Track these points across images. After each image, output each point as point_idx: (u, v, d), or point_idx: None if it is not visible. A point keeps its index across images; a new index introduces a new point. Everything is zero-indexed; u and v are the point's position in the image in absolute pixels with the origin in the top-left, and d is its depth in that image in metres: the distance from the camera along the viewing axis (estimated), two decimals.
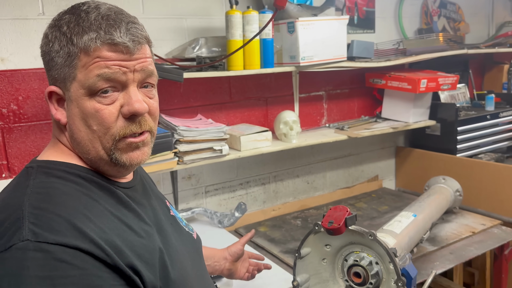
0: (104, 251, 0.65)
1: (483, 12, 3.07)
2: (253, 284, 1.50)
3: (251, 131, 1.90)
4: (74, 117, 0.73)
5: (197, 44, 1.77)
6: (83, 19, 0.71)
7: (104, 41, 0.70)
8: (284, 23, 1.91)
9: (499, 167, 2.22)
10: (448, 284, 2.01)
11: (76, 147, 0.76)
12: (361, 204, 2.36)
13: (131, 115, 0.74)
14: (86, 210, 0.69)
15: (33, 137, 1.63)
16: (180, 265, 0.81)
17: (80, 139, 0.74)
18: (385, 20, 2.55)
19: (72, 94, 0.72)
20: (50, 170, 0.74)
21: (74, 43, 0.70)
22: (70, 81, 0.72)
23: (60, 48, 0.72)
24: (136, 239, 0.73)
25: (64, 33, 0.71)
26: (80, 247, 0.63)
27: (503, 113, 2.62)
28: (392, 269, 1.08)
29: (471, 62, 2.88)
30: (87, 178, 0.75)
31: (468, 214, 2.12)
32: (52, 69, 0.74)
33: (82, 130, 0.73)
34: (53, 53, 0.72)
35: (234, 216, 1.95)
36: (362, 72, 2.45)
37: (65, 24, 0.72)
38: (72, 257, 0.63)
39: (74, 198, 0.70)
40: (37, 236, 0.63)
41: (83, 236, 0.65)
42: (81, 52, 0.70)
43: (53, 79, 0.75)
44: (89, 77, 0.70)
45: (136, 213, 0.78)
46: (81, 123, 0.73)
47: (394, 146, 2.73)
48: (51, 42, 0.73)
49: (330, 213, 1.08)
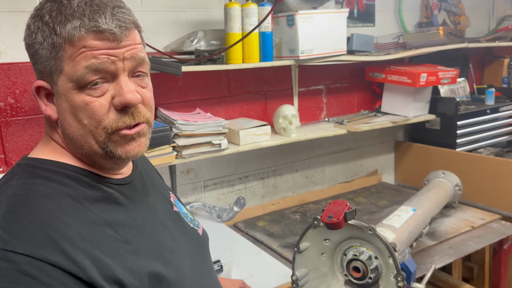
0: (76, 264, 0.61)
1: (483, 6, 3.05)
2: (252, 279, 1.50)
3: (250, 125, 1.89)
4: (64, 112, 0.69)
5: (195, 37, 1.75)
6: (65, 6, 0.66)
7: (88, 29, 0.65)
8: (284, 16, 1.89)
9: (499, 161, 2.21)
10: (447, 278, 2.01)
11: (69, 143, 0.73)
12: (360, 198, 2.36)
13: (124, 107, 0.69)
14: (65, 215, 0.65)
15: (31, 131, 1.62)
16: (176, 266, 0.76)
17: (72, 135, 0.71)
18: (385, 14, 2.53)
19: (60, 88, 0.68)
20: (36, 169, 0.70)
21: (57, 33, 0.65)
22: (57, 74, 0.68)
23: (43, 40, 0.67)
24: (121, 245, 0.69)
25: (46, 23, 0.66)
26: (48, 259, 0.59)
27: (503, 107, 2.61)
28: (392, 263, 1.07)
29: (471, 56, 2.87)
30: (74, 177, 0.71)
31: (467, 209, 2.11)
32: (38, 63, 0.69)
33: (73, 125, 0.70)
34: (37, 45, 0.68)
35: (233, 210, 1.95)
36: (362, 66, 2.43)
37: (47, 13, 0.66)
38: (38, 270, 0.58)
39: (54, 201, 0.66)
40: (5, 244, 0.59)
41: (55, 246, 0.61)
42: (65, 42, 0.65)
43: (40, 73, 0.70)
44: (77, 70, 0.66)
45: (126, 214, 0.74)
46: (72, 117, 0.69)
47: (393, 141, 2.72)
48: (34, 33, 0.68)
49: (329, 207, 1.07)
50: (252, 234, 1.94)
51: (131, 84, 0.70)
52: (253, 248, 1.74)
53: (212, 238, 1.80)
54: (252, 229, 1.99)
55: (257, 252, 1.71)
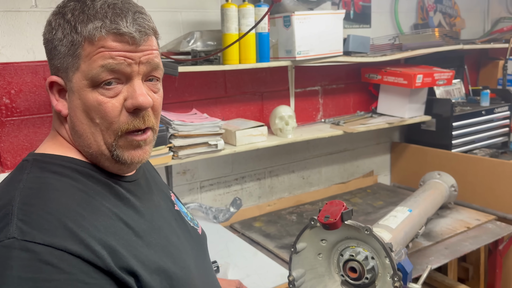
0: (95, 253, 0.62)
1: (478, 8, 3.07)
2: (249, 279, 1.50)
3: (247, 126, 1.89)
4: (76, 108, 0.70)
5: (192, 37, 1.75)
6: (89, 7, 0.68)
7: (109, 31, 0.67)
8: (280, 17, 1.89)
9: (494, 162, 2.23)
10: (442, 279, 2.02)
11: (77, 140, 0.73)
12: (356, 199, 2.36)
13: (135, 109, 0.71)
14: (80, 207, 0.66)
15: (26, 131, 1.61)
16: (183, 263, 0.77)
17: (82, 132, 0.71)
18: (381, 15, 2.54)
19: (74, 85, 0.69)
20: (46, 164, 0.71)
21: (78, 31, 0.67)
22: (73, 71, 0.69)
23: (63, 36, 0.68)
24: (133, 238, 0.70)
25: (68, 21, 0.68)
26: (68, 248, 0.60)
27: (498, 108, 2.62)
28: (388, 264, 1.08)
29: (467, 57, 2.89)
30: (84, 172, 0.71)
31: (463, 210, 2.12)
32: (55, 58, 0.71)
33: (84, 122, 0.71)
34: (56, 41, 0.69)
35: (229, 211, 1.95)
36: (358, 67, 2.44)
37: (69, 12, 0.69)
38: (59, 259, 0.59)
39: (67, 194, 0.67)
40: (24, 235, 0.60)
41: (74, 236, 0.61)
42: (85, 41, 0.67)
43: (55, 68, 0.72)
44: (93, 68, 0.67)
45: (135, 210, 0.75)
46: (83, 115, 0.70)
47: (389, 142, 2.73)
48: (54, 29, 0.69)
49: (326, 207, 1.07)
50: (248, 235, 1.94)
51: (144, 88, 0.72)
52: (250, 249, 1.74)
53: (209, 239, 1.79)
54: (249, 230, 1.99)
55: (254, 252, 1.71)
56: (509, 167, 2.14)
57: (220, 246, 1.74)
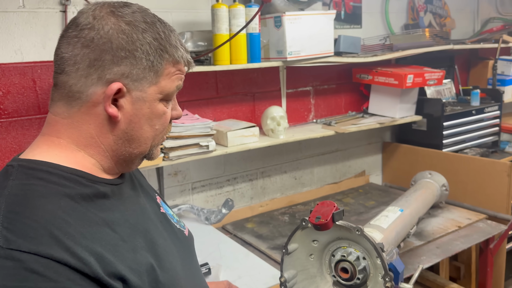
0: (82, 261, 0.62)
1: (468, 8, 3.10)
2: (240, 281, 1.49)
3: (238, 126, 1.88)
4: (142, 116, 0.76)
5: (182, 38, 1.74)
6: (170, 31, 0.78)
7: (185, 59, 0.80)
8: (271, 17, 1.89)
9: (485, 162, 2.24)
10: (434, 278, 2.03)
11: (123, 143, 0.77)
12: (348, 199, 2.37)
13: (175, 118, 0.84)
14: (66, 214, 0.65)
15: (14, 134, 1.59)
16: (170, 265, 0.78)
17: (138, 136, 0.78)
18: (372, 15, 2.55)
19: (147, 96, 0.76)
20: (32, 170, 0.70)
21: (168, 52, 0.76)
22: (149, 84, 0.75)
23: (150, 52, 0.74)
24: (120, 243, 0.70)
25: (156, 39, 0.75)
26: (54, 256, 0.60)
27: (488, 108, 2.64)
28: (380, 264, 1.08)
29: (457, 57, 2.91)
30: (70, 178, 0.71)
31: (454, 209, 2.14)
32: (124, 65, 0.72)
33: (145, 128, 0.77)
34: (139, 53, 0.73)
35: (221, 212, 1.94)
36: (349, 68, 2.44)
37: (154, 32, 0.75)
38: (45, 268, 0.59)
39: (53, 201, 0.66)
40: (9, 243, 0.59)
41: (60, 244, 0.61)
42: (170, 62, 0.77)
43: (119, 74, 0.72)
44: (171, 86, 0.78)
45: (122, 213, 0.75)
46: (147, 122, 0.77)
47: (380, 142, 2.74)
48: (138, 42, 0.73)
49: (317, 208, 1.07)
50: (240, 236, 1.93)
51: None
52: (242, 250, 1.73)
53: (200, 240, 1.79)
54: (241, 231, 1.98)
55: (246, 254, 1.70)
56: (500, 166, 2.16)
57: (212, 248, 1.73)
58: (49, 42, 1.62)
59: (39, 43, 1.60)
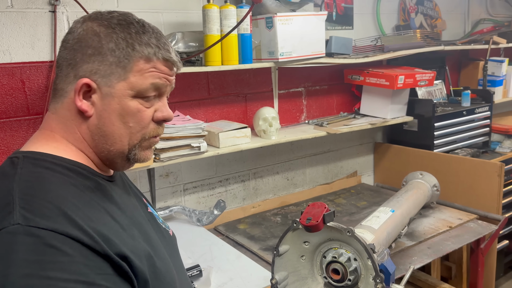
0: (93, 239, 0.67)
1: (459, 9, 3.12)
2: (232, 283, 1.49)
3: (230, 127, 1.88)
4: (111, 111, 0.78)
5: (173, 39, 1.73)
6: (145, 31, 0.79)
7: (163, 56, 0.80)
8: (263, 18, 1.88)
9: (475, 162, 2.26)
10: (426, 278, 2.03)
11: (98, 138, 0.80)
12: (340, 200, 2.37)
13: (161, 121, 0.83)
14: (75, 199, 0.71)
15: (3, 135, 1.57)
16: (163, 255, 0.84)
17: (110, 132, 0.79)
18: (363, 17, 2.55)
19: (116, 91, 0.77)
20: (37, 160, 0.75)
21: (136, 49, 0.77)
22: (118, 80, 0.77)
23: (116, 48, 0.77)
24: (121, 230, 0.75)
25: (124, 38, 0.77)
26: (69, 233, 0.65)
27: (479, 109, 2.66)
28: (371, 265, 1.08)
29: (448, 58, 2.92)
30: (73, 170, 0.76)
31: (445, 209, 2.15)
32: (92, 62, 0.77)
33: (116, 124, 0.79)
34: (105, 50, 0.77)
35: (213, 214, 1.93)
36: (340, 69, 2.45)
37: (125, 30, 0.78)
38: (62, 243, 0.64)
39: (62, 187, 0.72)
40: (28, 221, 0.63)
41: (73, 223, 0.66)
42: (140, 59, 0.78)
43: (89, 72, 0.77)
44: (144, 83, 0.78)
45: (118, 206, 0.80)
46: (118, 118, 0.78)
47: (372, 142, 2.75)
48: (104, 39, 0.77)
49: (308, 210, 1.07)
50: (232, 237, 1.92)
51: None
52: (233, 252, 1.73)
53: (192, 242, 1.78)
54: (233, 232, 1.98)
55: (237, 255, 1.69)
56: (490, 166, 2.17)
57: (204, 250, 1.72)
58: (38, 42, 1.60)
59: (28, 43, 1.59)
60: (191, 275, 1.45)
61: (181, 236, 1.81)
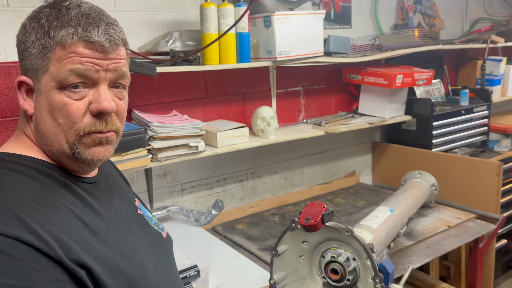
0: (46, 243, 0.64)
1: (457, 9, 3.11)
2: (230, 283, 1.48)
3: (228, 127, 1.87)
4: (42, 108, 0.74)
5: (171, 37, 1.72)
6: (63, 14, 0.73)
7: (81, 38, 0.72)
8: (260, 17, 1.88)
9: (474, 161, 2.25)
10: (424, 278, 2.03)
11: (40, 139, 0.77)
12: (338, 199, 2.36)
13: (99, 113, 0.75)
14: (33, 201, 0.68)
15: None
16: (140, 262, 0.80)
17: (45, 131, 0.75)
18: (362, 16, 2.55)
19: (42, 86, 0.73)
20: (3, 162, 0.73)
21: (51, 36, 0.72)
22: (42, 73, 0.73)
23: (36, 39, 0.73)
24: (88, 234, 0.72)
25: (42, 25, 0.73)
26: (20, 237, 0.62)
27: (477, 108, 2.66)
28: (370, 265, 1.07)
29: (446, 57, 2.92)
30: (41, 171, 0.74)
31: (443, 208, 2.14)
32: (25, 59, 0.75)
33: (48, 122, 0.74)
34: (29, 43, 0.74)
35: (211, 214, 1.92)
36: (339, 68, 2.44)
37: (44, 17, 0.73)
38: (10, 247, 0.61)
39: (22, 189, 0.69)
40: None
41: (25, 226, 0.64)
42: (56, 45, 0.72)
43: (25, 69, 0.75)
44: (62, 71, 0.71)
45: (92, 209, 0.77)
46: (48, 115, 0.74)
47: (370, 142, 2.74)
48: (28, 32, 0.74)
49: (306, 209, 1.06)
50: (230, 237, 1.91)
51: (109, 94, 0.76)
52: (232, 252, 1.72)
53: (190, 242, 1.77)
54: (231, 232, 1.97)
55: (236, 255, 1.68)
56: (489, 165, 2.17)
57: (202, 250, 1.71)
58: None
59: None
60: (188, 276, 1.44)
61: (179, 237, 1.81)
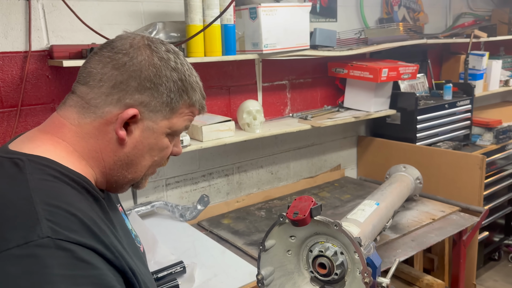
0: (113, 254, 0.68)
1: (441, 3, 3.14)
2: (216, 279, 1.46)
3: (213, 121, 1.84)
4: (147, 144, 0.80)
5: (154, 29, 1.68)
6: (195, 77, 0.83)
7: (200, 105, 0.85)
8: (246, 8, 1.85)
9: (457, 155, 2.28)
10: (409, 270, 2.04)
11: (122, 165, 0.81)
12: (324, 193, 2.36)
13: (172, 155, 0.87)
14: (90, 212, 0.70)
15: None
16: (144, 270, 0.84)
17: (137, 162, 0.81)
18: (347, 9, 2.54)
19: (158, 128, 0.80)
20: (44, 167, 0.71)
21: (189, 95, 0.81)
22: (162, 118, 0.80)
23: (175, 89, 0.79)
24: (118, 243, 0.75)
25: (181, 79, 0.80)
26: (95, 247, 0.65)
27: (460, 102, 2.69)
28: (357, 259, 1.06)
29: (430, 52, 2.94)
30: (78, 182, 0.74)
31: (428, 202, 2.16)
32: (146, 95, 0.77)
33: (145, 156, 0.82)
34: (163, 88, 0.78)
35: (197, 209, 1.89)
36: (324, 61, 2.43)
37: (181, 72, 0.80)
38: (91, 257, 0.64)
39: (78, 199, 0.71)
40: (58, 234, 0.62)
41: (96, 237, 0.66)
42: (187, 104, 0.82)
43: (137, 101, 0.77)
44: (180, 125, 0.82)
45: (112, 223, 0.79)
46: (147, 150, 0.81)
47: (355, 136, 2.75)
48: (165, 77, 0.78)
49: (295, 204, 1.05)
50: (216, 232, 1.89)
51: None
52: (218, 247, 1.70)
53: (175, 238, 1.75)
54: (217, 227, 1.95)
55: (222, 251, 1.67)
56: (472, 159, 2.19)
57: (187, 246, 1.69)
58: (12, 31, 1.53)
59: (1, 33, 1.52)
60: (174, 272, 1.41)
61: (164, 232, 1.78)
